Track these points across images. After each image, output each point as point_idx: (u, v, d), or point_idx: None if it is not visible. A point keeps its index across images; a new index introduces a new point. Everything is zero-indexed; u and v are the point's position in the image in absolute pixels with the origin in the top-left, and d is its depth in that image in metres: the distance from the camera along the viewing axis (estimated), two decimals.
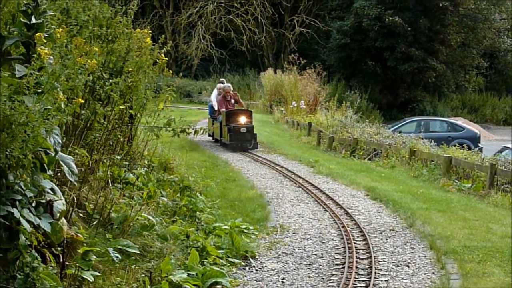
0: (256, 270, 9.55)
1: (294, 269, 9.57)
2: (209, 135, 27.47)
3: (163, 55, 11.01)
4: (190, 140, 23.37)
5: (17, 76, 5.87)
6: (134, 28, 11.01)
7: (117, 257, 7.35)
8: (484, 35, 58.61)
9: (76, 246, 6.98)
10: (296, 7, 60.32)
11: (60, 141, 6.04)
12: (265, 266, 9.71)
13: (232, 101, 25.60)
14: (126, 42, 10.20)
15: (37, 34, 5.98)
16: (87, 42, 8.41)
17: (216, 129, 25.92)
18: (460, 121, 39.56)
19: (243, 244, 10.24)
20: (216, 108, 28.20)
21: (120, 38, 10.09)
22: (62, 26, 7.71)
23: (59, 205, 6.19)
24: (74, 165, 6.36)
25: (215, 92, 29.04)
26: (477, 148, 27.74)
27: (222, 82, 29.23)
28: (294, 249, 10.63)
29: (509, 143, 29.88)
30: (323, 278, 9.14)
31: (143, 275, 7.72)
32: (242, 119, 24.12)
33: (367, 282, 8.92)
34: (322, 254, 10.36)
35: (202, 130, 10.73)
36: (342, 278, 9.00)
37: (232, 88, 26.63)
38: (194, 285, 8.05)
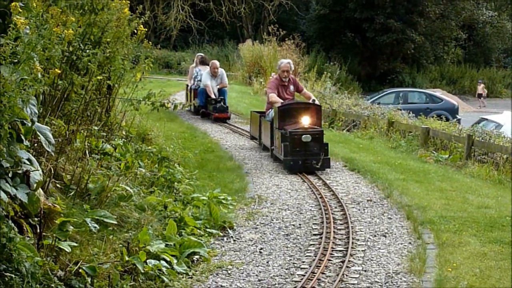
0: (234, 240, 9.59)
1: (272, 240, 9.61)
2: (252, 138, 18.54)
3: (141, 25, 10.96)
4: (169, 111, 23.14)
5: None
6: None
7: (95, 227, 7.34)
8: (463, 7, 58.73)
9: (53, 217, 6.97)
10: None
11: (37, 111, 6.02)
12: (243, 237, 9.75)
13: (292, 87, 16.35)
14: (106, 13, 10.14)
15: (12, 4, 5.93)
16: (64, 12, 8.33)
17: (265, 131, 16.56)
18: (438, 93, 39.75)
19: (221, 214, 10.26)
20: (213, 96, 22.31)
21: (103, 10, 10.01)
22: None
23: (36, 175, 6.18)
24: (51, 136, 6.34)
25: (206, 72, 22.72)
26: (455, 119, 27.92)
27: (204, 59, 24.30)
28: (272, 220, 10.67)
29: (487, 114, 30.08)
30: (300, 248, 9.19)
31: (120, 245, 7.72)
32: (305, 120, 14.60)
33: (344, 252, 8.97)
34: (300, 224, 10.40)
35: (181, 105, 10.71)
36: (319, 248, 9.05)
37: (292, 67, 16.78)
38: (171, 255, 8.06)
